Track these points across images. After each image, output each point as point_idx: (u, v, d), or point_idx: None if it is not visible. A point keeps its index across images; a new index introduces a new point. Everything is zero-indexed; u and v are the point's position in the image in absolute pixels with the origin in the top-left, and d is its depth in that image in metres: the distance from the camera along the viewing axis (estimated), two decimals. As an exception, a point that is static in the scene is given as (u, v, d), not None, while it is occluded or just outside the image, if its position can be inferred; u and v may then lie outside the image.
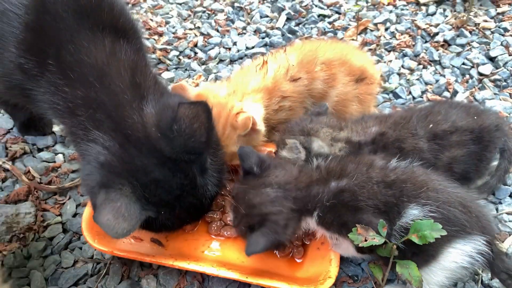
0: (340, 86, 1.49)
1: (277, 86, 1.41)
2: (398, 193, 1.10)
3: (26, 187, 1.53)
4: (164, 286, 1.29)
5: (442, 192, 1.11)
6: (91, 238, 1.23)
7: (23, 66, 1.10)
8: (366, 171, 1.15)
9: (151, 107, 1.10)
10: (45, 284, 1.31)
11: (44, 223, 1.46)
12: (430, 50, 2.07)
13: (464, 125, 1.32)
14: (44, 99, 1.12)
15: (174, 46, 2.16)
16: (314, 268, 1.26)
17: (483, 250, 1.09)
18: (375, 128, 1.33)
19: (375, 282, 1.29)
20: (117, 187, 1.00)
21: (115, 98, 1.07)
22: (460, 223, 1.08)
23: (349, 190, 1.11)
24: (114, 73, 1.09)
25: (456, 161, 1.32)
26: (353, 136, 1.32)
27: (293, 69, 1.43)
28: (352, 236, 1.07)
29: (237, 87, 1.41)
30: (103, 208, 0.96)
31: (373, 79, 1.56)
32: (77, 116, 1.07)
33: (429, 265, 1.11)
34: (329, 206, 1.11)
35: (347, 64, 1.49)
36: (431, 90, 1.91)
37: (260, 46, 2.14)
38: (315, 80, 1.45)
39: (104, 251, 1.23)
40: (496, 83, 1.91)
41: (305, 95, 1.47)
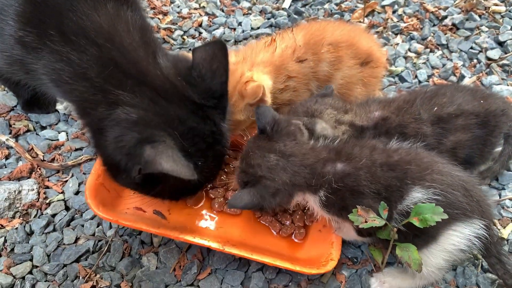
0: (345, 69, 1.47)
1: (284, 64, 1.39)
2: (401, 175, 1.09)
3: (29, 164, 1.54)
4: (165, 263, 1.30)
5: (446, 175, 1.10)
6: (95, 206, 1.21)
7: (23, 40, 1.08)
8: (370, 153, 1.13)
9: (165, 60, 1.08)
10: (47, 260, 1.33)
11: (46, 200, 1.47)
12: (438, 34, 2.04)
13: (470, 109, 1.30)
14: (47, 71, 1.09)
15: (179, 26, 2.13)
16: (316, 250, 1.26)
17: (481, 234, 1.09)
18: (378, 112, 1.32)
19: (374, 264, 1.30)
20: (161, 140, 0.97)
21: (130, 55, 1.04)
22: (461, 207, 1.07)
23: (354, 174, 1.10)
24: (123, 34, 1.07)
25: (461, 146, 1.30)
26: (356, 120, 1.31)
27: (299, 50, 1.41)
28: (352, 217, 1.07)
29: (247, 56, 1.39)
30: (160, 158, 0.92)
31: (379, 63, 1.54)
32: (90, 79, 1.02)
33: (428, 247, 1.12)
34: (335, 188, 1.10)
35: (354, 47, 1.47)
36: (438, 74, 1.88)
37: (265, 27, 2.11)
38: (321, 62, 1.43)
39: (108, 219, 1.22)
40: (504, 68, 1.89)
41: (310, 77, 1.46)
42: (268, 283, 1.27)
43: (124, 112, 1.00)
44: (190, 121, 1.04)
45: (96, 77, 1.02)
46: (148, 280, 1.26)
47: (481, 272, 1.28)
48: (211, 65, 1.06)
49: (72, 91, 1.06)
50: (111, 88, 1.01)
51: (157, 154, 0.93)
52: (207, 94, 1.07)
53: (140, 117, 1.00)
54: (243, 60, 1.38)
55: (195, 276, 1.27)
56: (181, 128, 1.02)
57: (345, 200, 1.10)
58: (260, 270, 1.29)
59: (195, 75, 1.06)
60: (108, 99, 1.01)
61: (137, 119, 0.99)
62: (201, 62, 1.06)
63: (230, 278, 1.27)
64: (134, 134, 0.98)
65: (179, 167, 0.93)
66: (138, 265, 1.31)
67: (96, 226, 1.39)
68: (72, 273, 1.29)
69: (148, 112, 1.00)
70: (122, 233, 1.37)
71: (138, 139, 0.98)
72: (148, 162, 0.93)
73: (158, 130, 1.00)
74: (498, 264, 1.16)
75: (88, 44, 1.03)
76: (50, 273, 1.30)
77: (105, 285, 1.27)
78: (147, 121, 1.00)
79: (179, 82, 1.05)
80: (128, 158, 1.00)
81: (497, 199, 1.45)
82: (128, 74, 1.02)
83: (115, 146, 1.00)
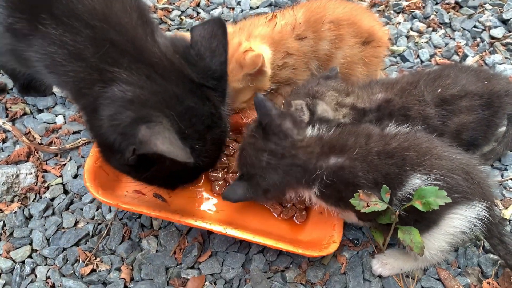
0: (346, 48, 1.44)
1: (283, 40, 1.36)
2: (400, 161, 1.07)
3: (27, 148, 1.52)
4: (165, 247, 1.30)
5: (446, 159, 1.09)
6: (94, 190, 1.19)
7: (13, 27, 1.03)
8: (366, 143, 1.11)
9: (163, 39, 1.05)
10: (47, 243, 1.32)
11: (45, 184, 1.46)
12: (440, 12, 2.00)
13: (474, 90, 1.28)
14: (40, 57, 1.05)
15: (176, 6, 2.09)
16: (317, 232, 1.26)
17: (483, 215, 1.09)
18: (381, 94, 1.29)
19: (376, 246, 1.29)
20: (158, 121, 0.94)
21: (127, 34, 1.00)
22: (462, 190, 1.06)
23: (349, 167, 1.08)
24: (120, 14, 1.03)
25: (465, 128, 1.28)
26: (358, 102, 1.28)
27: (299, 27, 1.38)
28: (354, 201, 1.06)
29: (244, 27, 1.37)
30: (155, 139, 0.89)
31: (381, 42, 1.51)
32: (85, 60, 0.99)
33: (430, 231, 1.11)
34: (329, 183, 1.09)
35: (356, 25, 1.44)
36: (440, 54, 1.85)
37: (264, 6, 2.07)
38: (321, 40, 1.41)
39: (108, 203, 1.19)
40: (508, 47, 1.85)
41: (310, 55, 1.43)
42: (269, 265, 1.27)
43: (119, 90, 0.96)
44: (188, 101, 1.01)
45: (92, 57, 0.99)
46: (148, 263, 1.26)
47: (483, 253, 1.27)
48: (210, 43, 1.03)
49: (67, 73, 1.02)
50: (107, 66, 0.97)
51: (152, 134, 0.90)
52: (207, 74, 1.04)
53: (136, 96, 0.96)
54: (239, 30, 1.35)
55: (196, 258, 1.27)
56: (179, 108, 0.99)
57: (341, 192, 1.09)
58: (261, 252, 1.28)
59: (193, 53, 1.03)
60: (104, 77, 0.98)
61: (133, 97, 0.96)
62: (200, 40, 1.03)
63: (230, 260, 1.27)
64: (129, 112, 0.95)
65: (175, 149, 0.90)
66: (138, 248, 1.31)
67: (96, 209, 1.38)
68: (72, 257, 1.29)
69: (144, 91, 0.97)
70: (121, 217, 1.36)
71: (133, 118, 0.94)
72: (143, 142, 0.90)
73: (155, 110, 0.96)
74: (500, 244, 1.16)
75: (82, 26, 0.99)
76: (49, 257, 1.30)
77: (105, 268, 1.26)
78: (144, 100, 0.97)
79: (177, 60, 1.02)
80: (122, 138, 0.96)
81: (500, 180, 1.43)
82: (124, 51, 0.99)
83: (109, 125, 0.97)
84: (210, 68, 1.04)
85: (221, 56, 1.05)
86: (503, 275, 1.22)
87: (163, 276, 1.23)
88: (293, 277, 1.23)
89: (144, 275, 1.24)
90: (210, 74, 1.05)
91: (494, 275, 1.22)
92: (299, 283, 1.23)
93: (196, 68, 1.03)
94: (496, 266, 1.24)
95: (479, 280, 1.22)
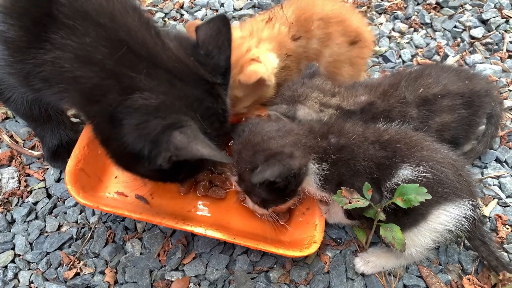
0: (334, 46, 1.45)
1: (283, 42, 1.37)
2: (391, 154, 1.09)
3: (9, 152, 1.51)
4: (149, 249, 1.29)
5: (436, 152, 1.10)
6: (75, 192, 1.18)
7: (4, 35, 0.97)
8: (362, 131, 1.13)
9: (169, 40, 1.03)
10: (30, 248, 1.31)
11: (27, 188, 1.45)
12: (421, 13, 2.03)
13: (456, 89, 1.30)
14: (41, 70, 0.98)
15: (160, 8, 2.09)
16: (299, 233, 1.27)
17: (469, 214, 1.10)
18: (364, 97, 1.31)
19: (358, 245, 1.31)
20: (187, 125, 0.92)
21: (137, 36, 0.97)
22: (452, 185, 1.08)
23: (348, 147, 1.09)
24: (124, 14, 0.99)
25: (446, 127, 1.30)
26: (344, 104, 1.29)
27: (293, 27, 1.39)
28: (336, 198, 1.07)
29: (253, 31, 1.36)
30: (195, 144, 0.88)
31: (367, 43, 1.52)
32: (98, 63, 0.93)
33: (418, 225, 1.12)
34: (334, 161, 1.09)
35: (344, 24, 1.45)
36: (422, 54, 1.88)
37: (248, 8, 2.08)
38: (311, 39, 1.42)
39: (89, 205, 1.17)
40: (487, 46, 1.89)
41: (302, 56, 1.44)
42: (253, 265, 1.27)
43: (142, 98, 0.92)
44: (206, 102, 1.01)
45: (106, 59, 0.93)
46: (132, 266, 1.26)
47: (464, 250, 1.29)
48: (217, 41, 1.03)
49: (75, 78, 0.95)
50: (125, 71, 0.93)
51: (190, 140, 0.89)
52: (216, 71, 1.04)
53: (161, 102, 0.93)
54: (249, 35, 1.34)
55: (180, 260, 1.27)
56: (201, 109, 0.99)
57: (341, 176, 1.10)
58: (245, 253, 1.29)
59: (202, 52, 1.03)
60: (122, 84, 0.93)
61: (158, 104, 0.92)
62: (207, 39, 1.03)
63: (215, 261, 1.27)
64: (158, 120, 0.92)
65: (215, 151, 0.89)
66: (122, 251, 1.30)
67: (79, 213, 1.38)
68: (56, 261, 1.28)
69: (168, 96, 0.94)
70: (105, 220, 1.36)
71: (164, 126, 0.91)
72: (181, 149, 0.89)
73: (181, 114, 0.94)
74: (482, 246, 1.17)
75: (90, 26, 0.94)
76: (33, 262, 1.29)
77: (89, 272, 1.26)
78: (169, 106, 0.94)
79: (191, 62, 1.01)
80: (153, 146, 0.93)
81: (480, 178, 1.46)
82: (139, 56, 0.96)
83: (138, 134, 0.92)
84: (219, 65, 1.05)
85: (226, 52, 1.05)
86: (483, 272, 1.24)
87: (147, 279, 1.23)
88: (277, 277, 1.24)
89: (128, 278, 1.24)
90: (219, 71, 1.05)
91: (474, 272, 1.24)
92: (283, 283, 1.24)
93: (207, 68, 1.03)
94: (476, 263, 1.26)
95: (460, 276, 1.24)
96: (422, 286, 1.22)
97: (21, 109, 1.26)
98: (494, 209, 1.37)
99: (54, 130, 1.39)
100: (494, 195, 1.41)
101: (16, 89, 1.15)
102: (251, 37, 1.34)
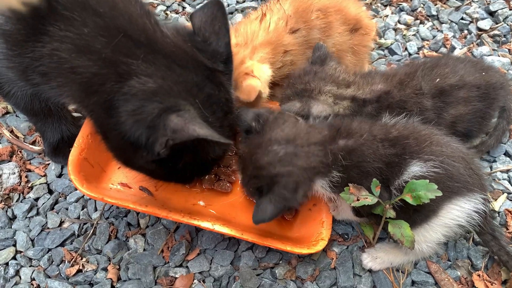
0: (336, 35, 1.43)
1: (280, 40, 1.34)
2: (400, 150, 1.06)
3: (10, 147, 1.49)
4: (152, 245, 1.27)
5: (446, 146, 1.08)
6: (79, 183, 1.14)
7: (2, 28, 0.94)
8: (369, 128, 1.10)
9: (166, 28, 1.01)
10: (31, 244, 1.29)
11: (28, 183, 1.43)
12: (428, 5, 2.00)
13: (472, 81, 1.27)
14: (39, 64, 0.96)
15: (161, 1, 2.06)
16: (305, 229, 1.24)
17: (481, 209, 1.07)
18: (381, 85, 1.27)
19: (365, 240, 1.28)
20: (186, 109, 0.90)
21: (137, 23, 0.95)
22: (463, 180, 1.05)
23: (358, 149, 1.06)
24: (125, 2, 0.97)
25: (461, 119, 1.28)
26: (359, 93, 1.26)
27: (291, 20, 1.36)
28: (343, 195, 1.05)
29: (247, 40, 1.32)
30: (192, 125, 0.86)
31: (368, 30, 1.50)
32: (96, 52, 0.91)
33: (429, 221, 1.09)
34: (344, 166, 1.05)
35: (342, 12, 1.42)
36: (428, 46, 1.85)
37: (251, 0, 2.04)
38: (312, 30, 1.39)
39: (93, 196, 1.13)
40: (495, 38, 1.85)
41: (305, 46, 1.41)
42: (258, 261, 1.25)
43: (139, 83, 0.90)
44: (207, 88, 0.98)
45: (104, 48, 0.91)
46: (135, 262, 1.24)
47: (473, 245, 1.27)
48: (213, 26, 1.01)
49: (74, 69, 0.93)
50: (122, 58, 0.91)
51: (186, 121, 0.86)
52: (216, 58, 1.02)
53: (159, 86, 0.91)
54: (244, 44, 1.30)
55: (184, 257, 1.25)
56: (201, 95, 0.96)
57: (351, 179, 1.06)
58: (250, 249, 1.27)
59: (199, 39, 1.01)
60: (119, 71, 0.92)
61: (156, 88, 0.91)
62: (203, 25, 1.01)
63: (219, 257, 1.25)
64: (155, 104, 0.90)
65: (213, 132, 0.87)
66: (125, 247, 1.28)
67: (81, 209, 1.36)
68: (58, 258, 1.26)
69: (166, 81, 0.92)
70: (108, 216, 1.34)
71: (161, 109, 0.89)
72: (177, 131, 0.86)
73: (180, 98, 0.92)
74: (493, 240, 1.15)
75: (89, 15, 0.92)
76: (34, 258, 1.27)
77: (91, 268, 1.24)
78: (167, 90, 0.92)
79: (189, 48, 0.99)
80: (150, 131, 0.91)
81: (489, 172, 1.43)
82: (138, 42, 0.94)
83: (134, 120, 0.91)
84: (218, 51, 1.03)
85: (225, 37, 1.03)
86: (493, 267, 1.22)
87: (150, 275, 1.21)
88: (282, 273, 1.22)
89: (131, 275, 1.22)
90: (219, 58, 1.03)
91: (484, 267, 1.22)
92: (289, 279, 1.21)
93: (206, 54, 1.01)
94: (486, 258, 1.23)
95: (469, 272, 1.22)
96: (431, 282, 1.20)
97: (21, 104, 1.24)
98: (503, 204, 1.35)
99: (55, 125, 1.36)
100: (504, 190, 1.38)
101: (16, 83, 1.13)
102: (246, 47, 1.30)
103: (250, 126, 1.13)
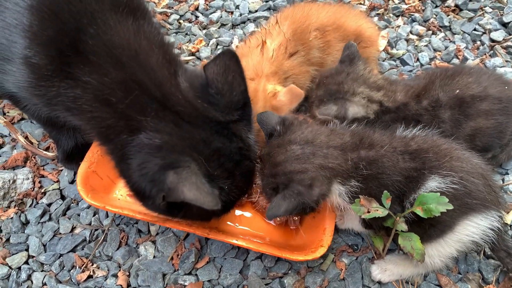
0: (335, 53, 1.43)
1: (281, 67, 1.33)
2: (420, 165, 1.04)
3: (24, 153, 1.51)
4: (162, 252, 1.28)
5: (466, 162, 1.06)
6: (84, 193, 1.22)
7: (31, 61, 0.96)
8: (390, 140, 1.09)
9: (184, 81, 1.02)
10: (43, 249, 1.31)
11: (42, 189, 1.45)
12: (440, 15, 1.99)
13: (495, 93, 1.24)
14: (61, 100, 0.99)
15: (175, 10, 2.08)
16: (307, 237, 1.25)
17: (496, 226, 1.06)
18: (401, 96, 1.27)
19: (375, 252, 1.28)
20: (186, 166, 0.93)
21: (155, 76, 0.98)
22: (481, 197, 1.04)
23: (378, 161, 1.05)
24: (147, 52, 0.99)
25: (480, 133, 1.25)
26: (385, 100, 1.26)
27: (290, 44, 1.34)
28: (354, 207, 1.04)
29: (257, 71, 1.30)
30: (182, 186, 0.88)
31: (369, 42, 1.48)
32: (113, 105, 0.95)
33: (445, 236, 1.08)
34: (364, 177, 1.04)
35: (341, 29, 1.42)
36: (440, 57, 1.84)
37: (263, 10, 2.06)
38: (311, 49, 1.39)
39: (96, 205, 1.21)
40: (508, 50, 1.84)
41: (305, 65, 1.40)
42: (267, 271, 1.25)
43: (147, 138, 0.95)
44: (215, 143, 0.99)
45: (119, 103, 0.95)
46: (145, 269, 1.25)
47: (484, 259, 1.26)
48: (226, 77, 1.01)
49: (93, 118, 0.99)
50: (134, 115, 0.95)
51: (179, 181, 0.89)
52: (230, 109, 1.02)
53: (163, 142, 0.95)
54: (256, 76, 1.29)
55: (193, 264, 1.26)
56: (206, 151, 0.98)
57: (370, 190, 1.06)
58: (259, 258, 1.27)
59: (212, 92, 1.01)
60: (131, 126, 0.96)
61: (160, 144, 0.94)
62: (215, 77, 1.01)
63: (228, 266, 1.25)
64: (157, 160, 0.94)
65: (202, 196, 0.89)
66: (135, 254, 1.30)
67: (93, 215, 1.37)
68: (69, 263, 1.28)
69: (172, 137, 0.95)
70: (118, 222, 1.35)
71: (161, 165, 0.93)
72: (171, 190, 0.90)
73: (183, 155, 0.95)
74: (508, 257, 1.13)
75: (111, 64, 0.95)
76: (46, 263, 1.29)
77: (102, 274, 1.25)
78: (171, 146, 0.95)
79: (200, 104, 1.00)
80: (151, 185, 0.96)
81: (501, 184, 1.42)
82: (152, 97, 0.96)
83: (139, 174, 0.96)
84: (232, 102, 1.02)
85: (240, 86, 1.02)
86: (504, 281, 1.20)
87: (160, 283, 1.22)
88: (291, 283, 1.22)
89: (141, 282, 1.23)
90: (234, 107, 1.03)
91: (495, 281, 1.21)
92: (297, 289, 1.21)
93: (219, 107, 1.01)
94: (497, 272, 1.22)
95: (480, 286, 1.21)
96: (441, 295, 1.19)
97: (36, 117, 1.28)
98: (515, 217, 1.33)
99: (70, 133, 1.40)
100: (516, 203, 1.37)
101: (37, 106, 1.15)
102: (259, 78, 1.28)
103: (274, 129, 1.14)
